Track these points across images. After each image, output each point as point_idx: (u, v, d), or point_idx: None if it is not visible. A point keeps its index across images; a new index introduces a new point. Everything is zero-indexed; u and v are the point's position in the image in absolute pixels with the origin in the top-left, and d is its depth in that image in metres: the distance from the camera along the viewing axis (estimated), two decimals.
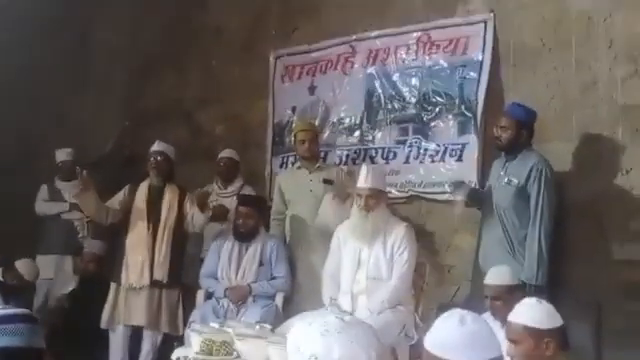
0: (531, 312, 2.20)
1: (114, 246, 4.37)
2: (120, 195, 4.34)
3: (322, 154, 4.66)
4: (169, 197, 4.27)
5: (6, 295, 3.80)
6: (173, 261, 4.19)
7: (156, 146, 4.36)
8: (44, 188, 4.95)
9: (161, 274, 4.12)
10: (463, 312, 1.47)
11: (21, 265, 4.17)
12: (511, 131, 3.55)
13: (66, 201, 4.89)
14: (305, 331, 1.21)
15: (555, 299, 2.74)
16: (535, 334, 2.15)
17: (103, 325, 4.17)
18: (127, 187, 4.37)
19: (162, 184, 4.31)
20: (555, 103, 3.92)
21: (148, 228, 4.18)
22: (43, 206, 4.91)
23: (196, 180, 5.05)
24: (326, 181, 4.27)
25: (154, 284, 4.12)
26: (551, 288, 3.38)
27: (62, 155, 4.99)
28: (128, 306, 4.14)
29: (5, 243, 4.18)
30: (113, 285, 4.20)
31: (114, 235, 4.39)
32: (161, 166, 4.31)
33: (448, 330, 1.44)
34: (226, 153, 4.75)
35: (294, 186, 4.38)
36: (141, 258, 4.13)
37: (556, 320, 2.20)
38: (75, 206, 4.85)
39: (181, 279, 4.32)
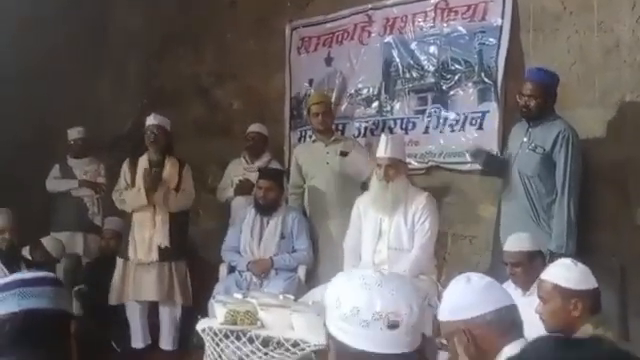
0: (563, 272, 2.19)
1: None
2: (127, 173, 4.32)
3: (340, 126, 4.63)
4: (169, 170, 4.26)
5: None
6: (174, 231, 4.19)
7: (152, 120, 4.30)
8: (56, 167, 4.99)
9: (160, 239, 4.12)
10: (467, 274, 1.48)
11: (48, 242, 4.23)
12: (540, 98, 3.44)
13: (76, 178, 4.93)
14: (344, 285, 1.21)
15: None
16: (564, 294, 2.15)
17: (111, 301, 4.21)
18: (126, 162, 4.36)
19: (161, 157, 4.28)
20: (577, 68, 3.85)
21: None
22: (53, 183, 4.95)
23: (214, 155, 5.08)
24: (343, 153, 4.25)
25: (162, 258, 4.13)
26: (575, 254, 3.35)
27: (74, 133, 5.03)
28: (138, 282, 4.16)
29: (23, 223, 4.22)
30: (120, 261, 4.23)
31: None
32: (159, 140, 4.27)
33: (458, 293, 1.46)
34: (255, 127, 4.70)
35: (311, 159, 4.36)
36: (148, 234, 4.15)
37: (588, 283, 2.18)
38: (84, 183, 4.90)
39: (187, 251, 4.34)
